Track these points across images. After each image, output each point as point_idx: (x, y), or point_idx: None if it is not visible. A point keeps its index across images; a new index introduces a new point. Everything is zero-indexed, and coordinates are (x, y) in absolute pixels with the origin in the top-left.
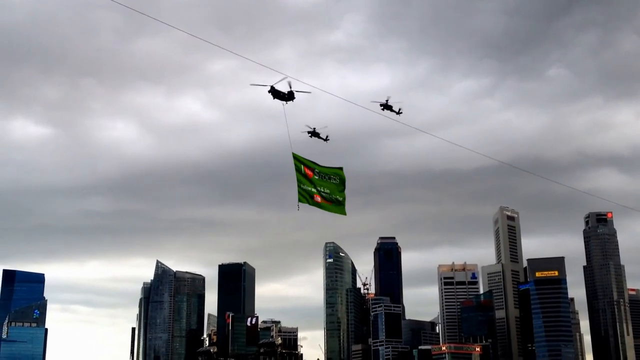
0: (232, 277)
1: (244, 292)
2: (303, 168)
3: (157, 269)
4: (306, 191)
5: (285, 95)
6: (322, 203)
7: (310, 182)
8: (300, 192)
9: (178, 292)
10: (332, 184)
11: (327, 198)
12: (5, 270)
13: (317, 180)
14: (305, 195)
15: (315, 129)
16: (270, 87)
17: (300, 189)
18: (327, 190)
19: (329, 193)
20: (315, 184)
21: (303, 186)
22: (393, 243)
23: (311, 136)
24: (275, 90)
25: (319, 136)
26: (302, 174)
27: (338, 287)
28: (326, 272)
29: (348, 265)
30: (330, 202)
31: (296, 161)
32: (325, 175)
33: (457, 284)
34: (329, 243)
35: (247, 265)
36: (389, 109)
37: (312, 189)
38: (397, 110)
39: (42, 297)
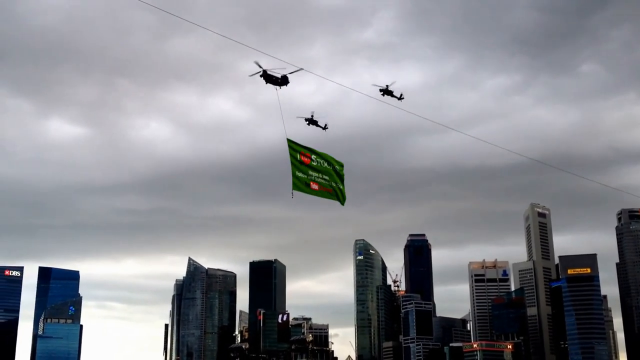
0: (263, 274)
1: (274, 289)
2: (299, 155)
3: (189, 266)
4: (302, 179)
5: (278, 80)
6: (320, 190)
7: (307, 168)
8: (295, 179)
9: (210, 289)
10: (331, 171)
11: (325, 185)
12: (41, 268)
13: (314, 167)
14: (301, 183)
15: (313, 115)
16: (263, 71)
17: (295, 176)
18: (326, 177)
19: (328, 180)
20: (312, 170)
21: (298, 173)
22: (423, 240)
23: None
24: (268, 75)
25: (317, 124)
26: (298, 160)
27: (368, 284)
28: (356, 269)
29: (378, 262)
30: (330, 190)
31: (291, 148)
32: (323, 162)
33: (488, 281)
34: (359, 240)
35: (278, 263)
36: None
37: (308, 176)
38: (398, 96)
39: (77, 293)
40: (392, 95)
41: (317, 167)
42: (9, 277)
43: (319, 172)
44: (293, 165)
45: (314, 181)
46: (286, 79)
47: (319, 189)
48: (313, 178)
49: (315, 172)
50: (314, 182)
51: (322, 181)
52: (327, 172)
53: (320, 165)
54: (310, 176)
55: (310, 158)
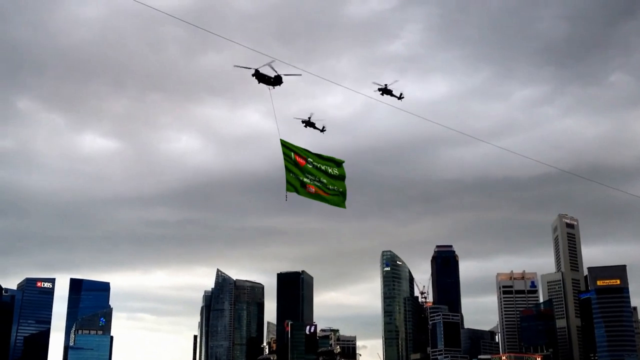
0: (291, 286)
1: (302, 301)
2: (293, 155)
3: (217, 278)
4: (296, 180)
5: (271, 80)
6: (317, 194)
7: (302, 170)
8: (288, 181)
9: (238, 301)
10: (328, 173)
11: (322, 189)
12: (72, 279)
13: (310, 169)
14: (295, 184)
15: (310, 118)
16: (255, 70)
17: (289, 177)
18: (324, 180)
19: (326, 183)
20: (308, 172)
21: (293, 175)
22: (450, 251)
23: (306, 126)
24: (260, 74)
25: (314, 126)
26: (292, 161)
27: (396, 296)
28: (383, 280)
29: (405, 273)
30: (327, 193)
31: (285, 148)
32: (320, 165)
33: (516, 292)
34: (386, 251)
35: (305, 274)
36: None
37: (304, 178)
38: (398, 96)
39: (107, 305)
40: (392, 95)
41: (312, 170)
42: (41, 288)
43: (315, 175)
44: (287, 166)
45: (310, 184)
46: (279, 79)
47: (315, 192)
48: (309, 180)
49: (311, 175)
50: (310, 185)
51: (319, 184)
52: (325, 175)
53: (317, 167)
54: (306, 178)
55: (306, 160)
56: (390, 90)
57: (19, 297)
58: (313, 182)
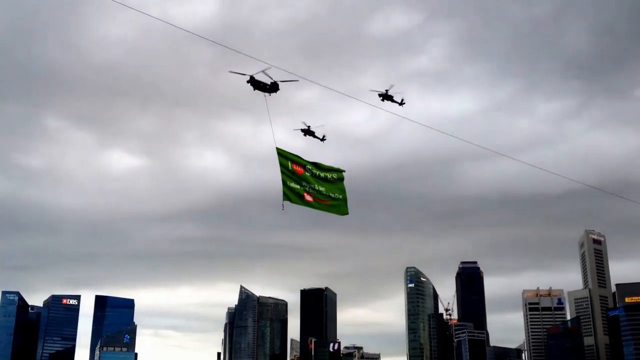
0: (314, 302)
1: (325, 317)
2: (290, 164)
3: (241, 294)
4: (294, 189)
5: (267, 86)
6: (315, 202)
7: (300, 179)
8: (285, 189)
9: (261, 317)
10: (328, 180)
11: (320, 197)
12: (97, 296)
13: (308, 178)
14: (292, 193)
15: (310, 127)
16: (250, 77)
17: (285, 186)
18: (322, 188)
19: (324, 191)
20: (305, 181)
21: (290, 183)
22: (475, 267)
23: (305, 135)
24: (255, 81)
25: (314, 135)
26: (289, 170)
27: (420, 313)
28: (407, 297)
29: (429, 290)
30: (326, 201)
31: (281, 157)
32: (319, 173)
33: (543, 309)
34: (410, 268)
35: (329, 290)
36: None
37: (301, 186)
38: (399, 102)
39: (132, 322)
40: (393, 101)
41: (310, 178)
42: (67, 305)
43: (314, 183)
44: (283, 175)
45: (308, 192)
46: (276, 86)
47: (313, 201)
48: (307, 189)
49: (309, 183)
50: (308, 194)
51: (317, 193)
52: (323, 183)
53: (315, 175)
54: (303, 187)
55: (304, 168)
56: (390, 96)
57: (44, 314)
58: (312, 190)
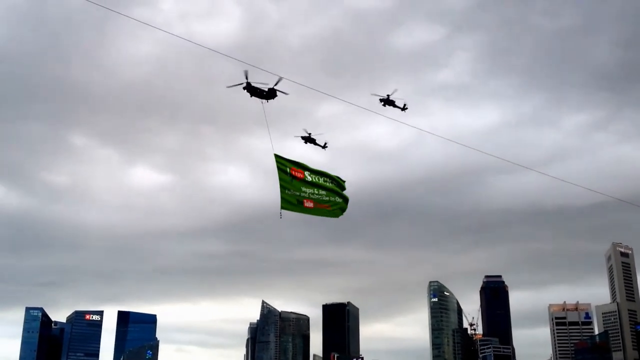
0: (336, 317)
1: (348, 333)
2: (289, 170)
3: (262, 310)
4: (292, 196)
5: (264, 93)
6: (316, 208)
7: (299, 184)
8: (283, 197)
9: (283, 333)
10: (327, 188)
11: (321, 202)
12: (120, 312)
13: (308, 183)
14: (291, 201)
15: (311, 134)
16: (246, 83)
17: (284, 194)
18: (323, 192)
19: (325, 195)
20: (305, 186)
21: (288, 191)
22: (500, 282)
23: (305, 142)
24: (252, 87)
25: (315, 142)
26: (288, 176)
27: (444, 328)
28: (431, 311)
29: (453, 304)
30: (327, 206)
31: (279, 164)
32: (319, 178)
33: (570, 324)
34: (433, 282)
35: (351, 305)
36: (391, 104)
37: (300, 193)
38: (401, 107)
39: (154, 337)
40: (395, 106)
41: (310, 183)
42: (90, 321)
43: (314, 188)
44: (282, 182)
45: (308, 198)
46: (273, 93)
47: (314, 206)
48: (307, 195)
49: (309, 189)
50: (307, 200)
51: (317, 197)
52: (324, 187)
53: (315, 180)
54: (303, 193)
55: (304, 174)
56: (392, 101)
57: (68, 329)
58: (311, 195)
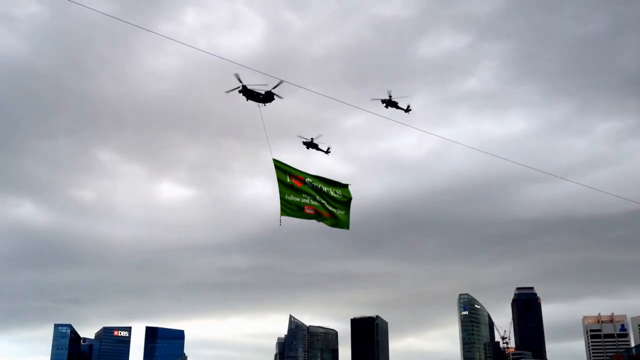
0: (365, 332)
1: (377, 347)
2: (289, 177)
3: (290, 324)
4: (292, 202)
5: (261, 96)
6: (316, 214)
7: (299, 191)
8: (283, 203)
9: (312, 347)
10: (329, 195)
11: (321, 209)
12: (148, 328)
13: (308, 190)
14: (291, 207)
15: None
16: (242, 86)
17: (283, 200)
18: (323, 201)
19: (326, 204)
20: (305, 193)
21: (288, 197)
22: (532, 294)
23: (307, 147)
24: (248, 90)
25: (317, 147)
26: (288, 183)
27: (475, 341)
28: (462, 325)
29: (484, 317)
30: (329, 214)
31: (278, 170)
32: (321, 186)
33: (605, 336)
34: (463, 295)
35: (380, 319)
36: (393, 105)
37: (300, 199)
38: (405, 108)
39: (182, 353)
40: (398, 107)
41: (311, 190)
42: (118, 337)
43: (314, 195)
44: (281, 188)
45: (308, 205)
46: (270, 96)
47: (314, 213)
48: (307, 201)
49: (310, 195)
50: (308, 206)
51: (317, 204)
52: (325, 195)
53: (316, 187)
54: (303, 199)
55: (304, 180)
56: (395, 102)
57: (96, 346)
58: (312, 202)
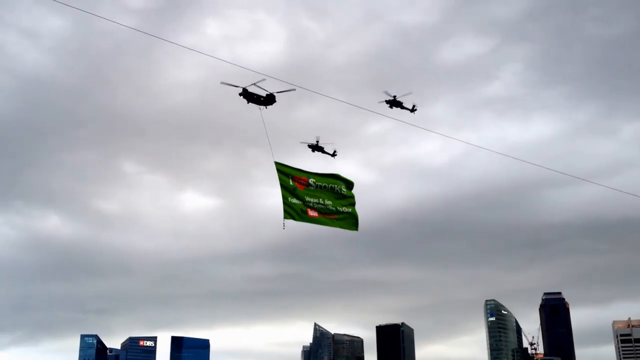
0: (391, 339)
1: (403, 354)
2: (292, 179)
3: (315, 332)
4: (296, 205)
5: (261, 99)
6: (321, 217)
7: (303, 194)
8: (286, 207)
9: (337, 355)
10: (335, 192)
11: (325, 211)
12: (173, 337)
13: (312, 191)
14: (294, 210)
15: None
16: (242, 89)
17: (286, 203)
18: (328, 202)
19: (331, 205)
20: (309, 195)
21: (291, 200)
22: (560, 299)
23: (313, 150)
24: (248, 93)
25: (323, 150)
26: (290, 185)
27: (503, 348)
28: (489, 331)
29: (512, 323)
30: (333, 216)
31: (280, 173)
32: (326, 184)
33: (636, 341)
34: (490, 300)
35: (405, 326)
36: (398, 105)
37: (304, 202)
38: (410, 108)
39: None
40: (403, 107)
41: (315, 192)
42: (144, 347)
43: (318, 197)
44: (284, 191)
45: (312, 208)
46: (272, 98)
47: (318, 216)
48: (311, 204)
49: (314, 198)
50: (312, 209)
51: (321, 207)
52: (331, 195)
53: (321, 187)
54: (307, 202)
55: (308, 182)
56: (400, 102)
57: (122, 356)
58: (316, 205)
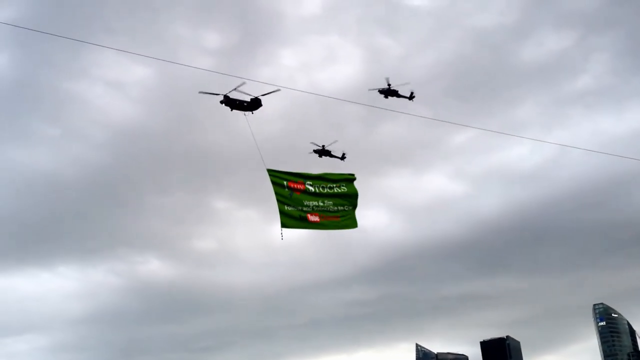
0: (497, 354)
1: None
2: (286, 184)
3: (417, 353)
4: (293, 213)
5: (245, 104)
6: (323, 222)
7: (300, 199)
8: (283, 214)
9: None
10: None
11: (328, 214)
12: None
13: (311, 194)
14: (292, 218)
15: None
16: (224, 96)
17: (283, 212)
18: (329, 203)
19: (332, 205)
20: (308, 199)
21: (288, 208)
22: None
23: (320, 156)
24: (230, 100)
25: (330, 154)
26: (286, 193)
27: (617, 352)
28: (600, 337)
29: (624, 326)
30: (336, 217)
31: (274, 178)
32: (323, 185)
33: None
34: (598, 304)
35: (511, 339)
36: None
37: (302, 207)
38: (408, 96)
39: None
40: (399, 96)
41: (314, 194)
42: None
43: (318, 199)
44: (279, 198)
45: (312, 212)
46: (257, 103)
47: (320, 220)
48: (310, 208)
49: (313, 201)
50: (312, 214)
51: (323, 209)
52: (330, 196)
53: (319, 189)
54: (306, 207)
55: (304, 185)
56: (395, 91)
57: None
58: (316, 208)
